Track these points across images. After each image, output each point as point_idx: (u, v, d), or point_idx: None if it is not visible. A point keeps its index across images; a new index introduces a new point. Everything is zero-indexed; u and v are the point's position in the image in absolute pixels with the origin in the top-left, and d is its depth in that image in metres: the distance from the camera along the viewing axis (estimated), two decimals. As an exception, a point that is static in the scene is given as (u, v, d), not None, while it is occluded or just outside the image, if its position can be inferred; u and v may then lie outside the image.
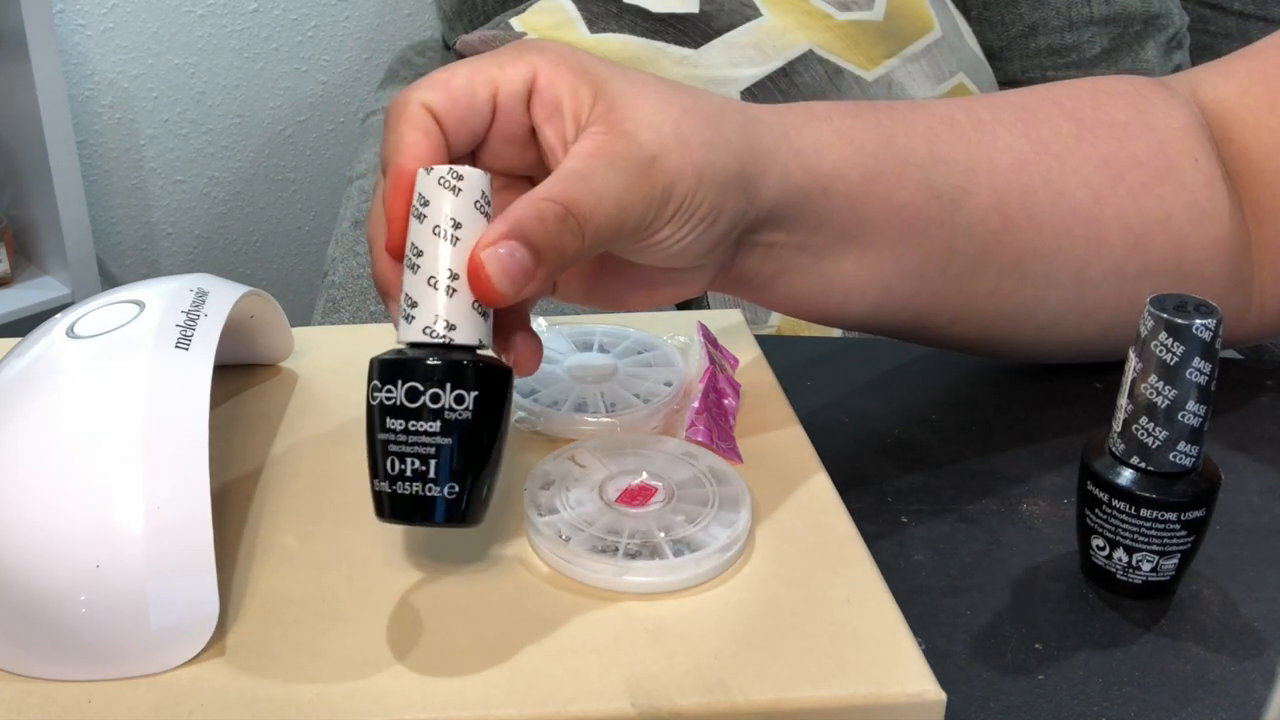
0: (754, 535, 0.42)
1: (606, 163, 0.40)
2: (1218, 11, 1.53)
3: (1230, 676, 0.42)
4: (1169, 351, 0.41)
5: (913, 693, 0.36)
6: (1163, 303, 0.41)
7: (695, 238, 0.42)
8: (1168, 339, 0.41)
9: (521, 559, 0.41)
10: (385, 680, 0.36)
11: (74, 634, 0.36)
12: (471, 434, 0.36)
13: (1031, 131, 0.52)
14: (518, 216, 0.37)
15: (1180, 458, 0.42)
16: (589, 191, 0.39)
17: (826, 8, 1.17)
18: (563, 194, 0.38)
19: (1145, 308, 0.41)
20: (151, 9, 1.56)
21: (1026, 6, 1.39)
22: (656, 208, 0.40)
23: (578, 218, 0.38)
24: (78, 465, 0.37)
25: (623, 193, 0.39)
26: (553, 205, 0.38)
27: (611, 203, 0.39)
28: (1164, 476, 0.42)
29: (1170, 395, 0.41)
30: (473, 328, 0.37)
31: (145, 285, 0.45)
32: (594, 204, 0.38)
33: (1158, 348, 0.41)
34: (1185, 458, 0.42)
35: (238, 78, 1.63)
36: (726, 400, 0.49)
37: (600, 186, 0.39)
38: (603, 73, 0.42)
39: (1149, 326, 0.41)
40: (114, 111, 1.59)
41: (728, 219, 0.43)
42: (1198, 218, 0.54)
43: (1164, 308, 0.41)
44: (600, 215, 0.39)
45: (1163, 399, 0.41)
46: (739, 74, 1.10)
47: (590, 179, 0.39)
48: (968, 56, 1.27)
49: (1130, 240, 0.52)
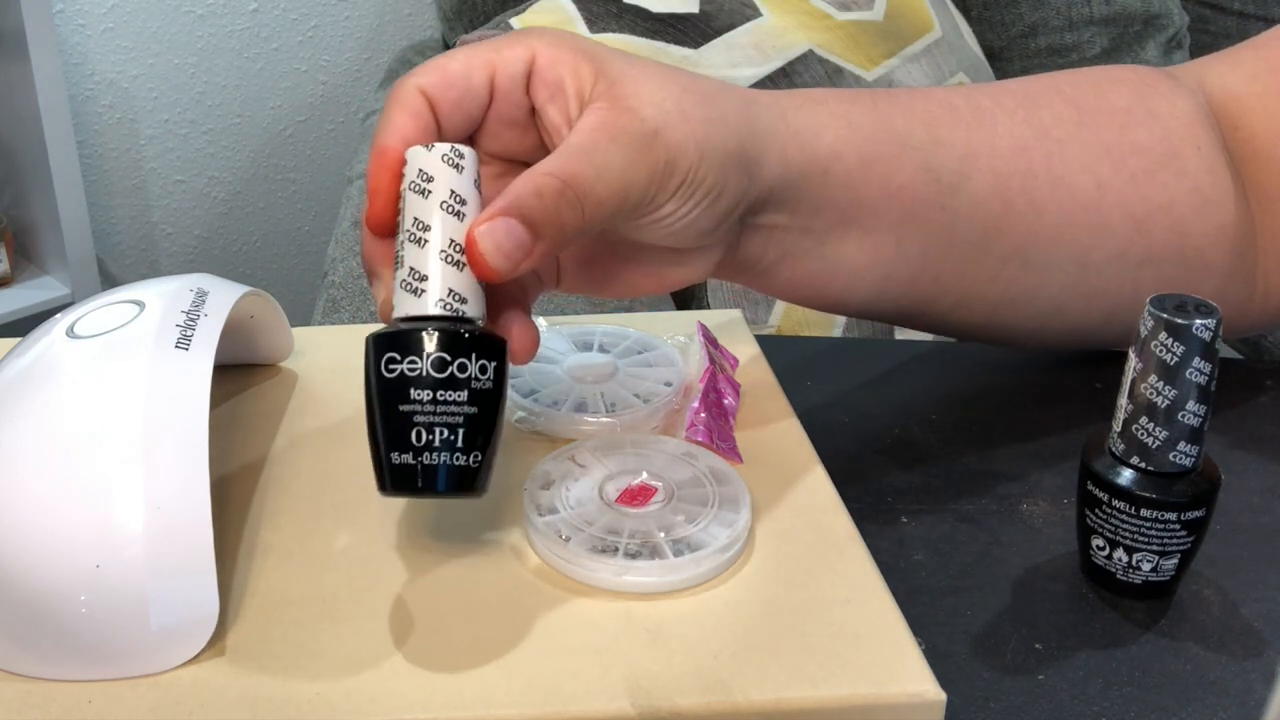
0: (754, 535, 0.42)
1: (609, 138, 0.40)
2: (1218, 11, 1.53)
3: (1230, 676, 0.42)
4: (1169, 352, 0.41)
5: (913, 693, 0.36)
6: (1162, 303, 0.41)
7: (699, 214, 0.42)
8: (1168, 339, 0.41)
9: (521, 559, 0.41)
10: (385, 680, 0.36)
11: (74, 634, 0.36)
12: (495, 403, 0.37)
13: (1032, 118, 0.52)
14: (516, 193, 0.37)
15: (1180, 458, 0.42)
16: (590, 165, 0.39)
17: (826, 8, 1.17)
18: (562, 169, 0.38)
19: (1145, 308, 0.41)
20: (151, 9, 1.56)
21: (1026, 6, 1.39)
22: (659, 182, 0.40)
23: (577, 192, 0.38)
24: (78, 465, 0.37)
25: (625, 167, 0.39)
26: (551, 180, 0.38)
27: (614, 176, 0.39)
28: (1164, 476, 0.42)
29: (1170, 395, 0.41)
30: (478, 302, 0.38)
31: (145, 285, 0.45)
32: (595, 177, 0.38)
33: (1158, 348, 0.41)
34: (1185, 458, 0.42)
35: (238, 78, 1.63)
36: (726, 400, 0.49)
37: (602, 161, 0.39)
38: (601, 53, 0.42)
39: (1149, 327, 0.41)
40: (114, 111, 1.59)
41: (730, 196, 0.43)
42: (1200, 204, 0.54)
43: (1164, 308, 0.41)
44: (602, 189, 0.39)
45: (1163, 399, 0.41)
46: (739, 74, 1.10)
47: (593, 154, 0.39)
48: (968, 56, 1.27)
49: (1132, 226, 0.53)
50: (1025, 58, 1.41)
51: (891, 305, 0.52)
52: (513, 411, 0.48)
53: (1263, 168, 0.55)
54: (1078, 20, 1.39)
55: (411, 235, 0.38)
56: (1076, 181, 0.52)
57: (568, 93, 0.41)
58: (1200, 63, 0.59)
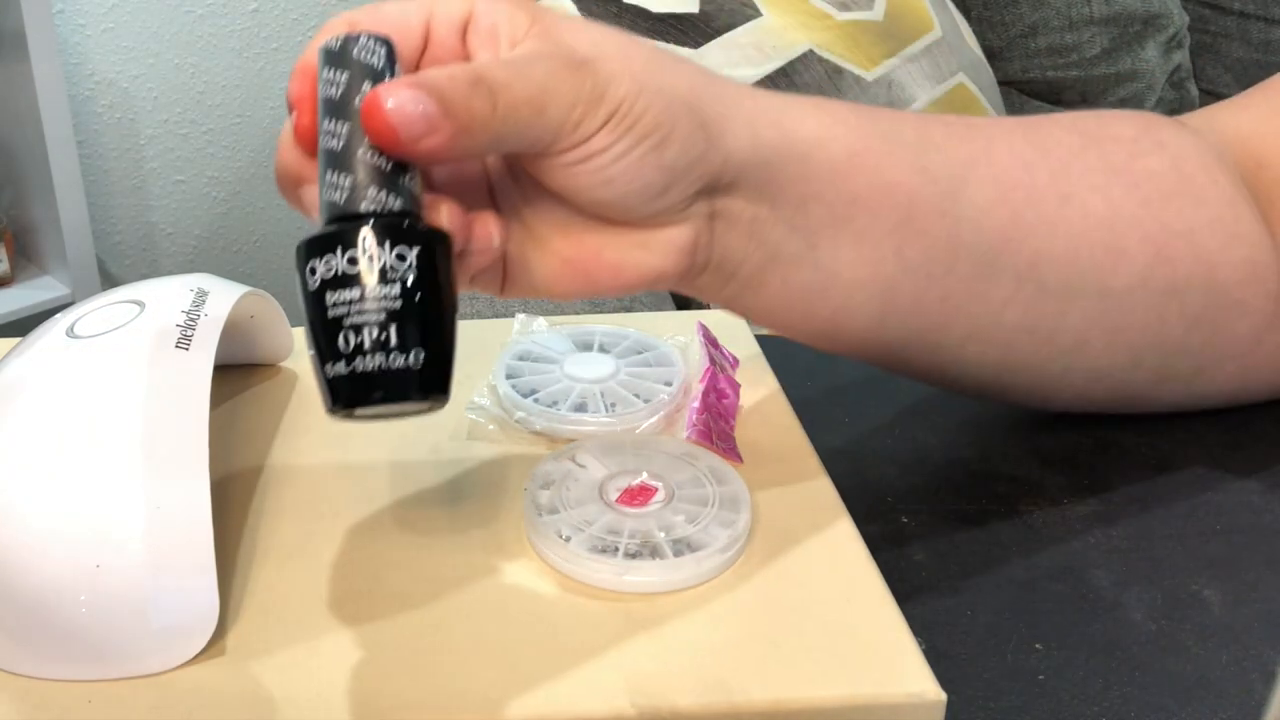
0: (754, 535, 0.42)
1: (534, 56, 0.38)
2: (1218, 11, 1.53)
3: (1230, 676, 0.42)
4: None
5: (913, 693, 0.36)
6: None
7: (641, 156, 0.39)
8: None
9: (522, 559, 0.41)
10: (385, 680, 0.36)
11: (74, 634, 0.36)
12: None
13: (1032, 137, 0.50)
14: (426, 72, 0.36)
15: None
16: (508, 67, 0.37)
17: (826, 7, 1.17)
18: (479, 65, 0.37)
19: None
20: (151, 9, 1.56)
21: (1026, 6, 1.39)
22: (586, 103, 0.38)
23: (491, 85, 0.36)
24: (78, 465, 0.37)
25: (546, 77, 0.37)
26: (466, 69, 0.36)
27: (532, 83, 0.37)
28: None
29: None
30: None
31: (145, 285, 0.45)
32: (512, 76, 0.37)
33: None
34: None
35: (238, 78, 1.63)
36: (727, 400, 0.49)
37: (523, 68, 0.37)
38: (542, 8, 0.40)
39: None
40: (114, 111, 1.59)
41: (678, 146, 0.39)
42: (1225, 237, 0.51)
43: None
44: (519, 89, 0.36)
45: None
46: (739, 74, 1.10)
47: (513, 61, 0.37)
48: (968, 56, 1.27)
49: (1152, 251, 0.49)
50: (1025, 58, 1.41)
51: (896, 333, 0.47)
52: (513, 411, 0.48)
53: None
54: (1078, 20, 1.39)
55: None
56: (1086, 201, 0.49)
57: (500, 37, 0.40)
58: (1204, 112, 0.57)
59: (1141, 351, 0.51)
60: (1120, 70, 1.42)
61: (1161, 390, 0.54)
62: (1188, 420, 0.56)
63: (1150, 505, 0.51)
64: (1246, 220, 0.51)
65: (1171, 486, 0.52)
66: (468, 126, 0.35)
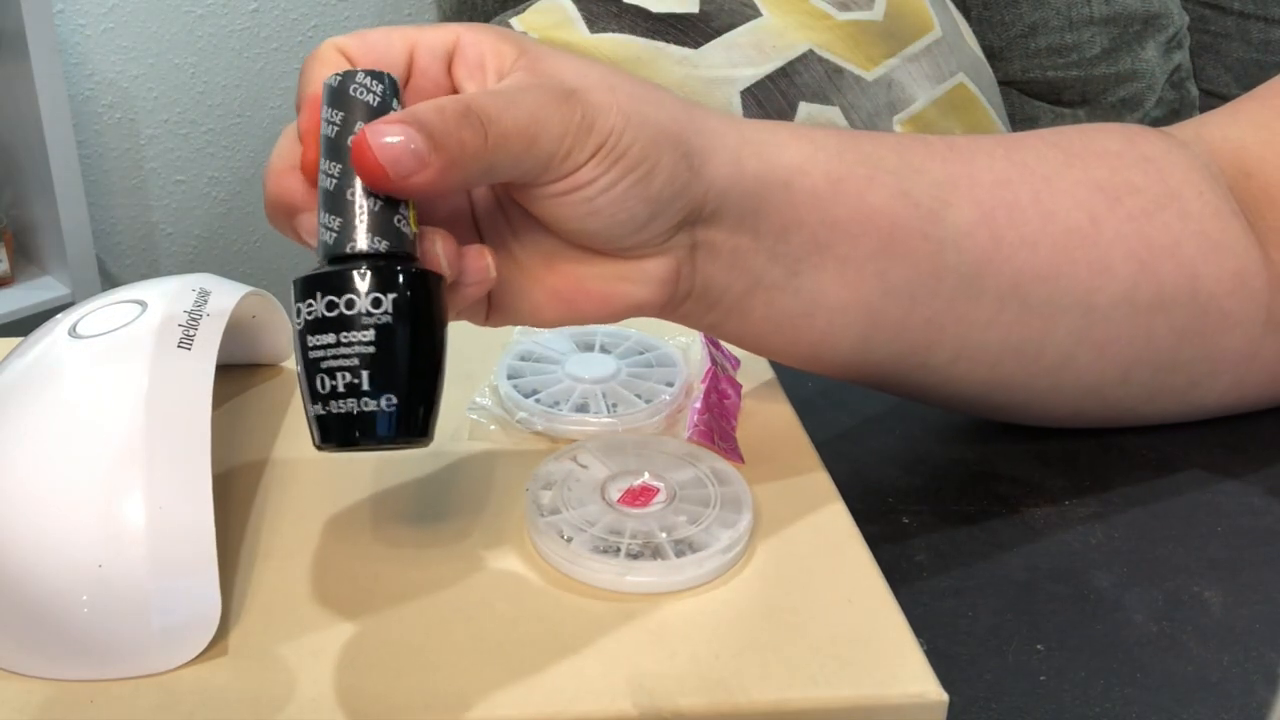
0: (756, 536, 0.42)
1: (523, 87, 0.38)
2: (1218, 11, 1.53)
3: (1231, 678, 0.42)
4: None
5: (914, 693, 0.36)
6: None
7: (627, 188, 0.39)
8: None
9: (523, 559, 0.41)
10: (385, 680, 0.36)
11: (76, 634, 0.36)
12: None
13: (1014, 155, 0.49)
14: (415, 108, 0.36)
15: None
16: (498, 98, 0.37)
17: (826, 7, 1.17)
18: (468, 96, 0.37)
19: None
20: (151, 9, 1.56)
21: (1026, 6, 1.39)
22: (575, 134, 0.38)
23: (481, 116, 0.36)
24: (80, 465, 0.37)
25: (536, 108, 0.37)
26: (455, 101, 0.36)
27: (523, 113, 0.37)
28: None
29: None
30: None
31: (147, 285, 0.45)
32: (502, 108, 0.37)
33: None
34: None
35: (238, 78, 1.63)
36: (728, 400, 0.49)
37: (513, 98, 0.37)
38: (527, 39, 0.41)
39: None
40: (114, 111, 1.59)
41: (663, 178, 0.40)
42: (1209, 249, 0.50)
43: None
44: (509, 120, 0.36)
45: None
46: (739, 74, 1.10)
47: (502, 92, 0.37)
48: (968, 56, 1.27)
49: (1136, 266, 0.49)
50: (1025, 58, 1.41)
51: (884, 354, 0.47)
52: (514, 411, 0.48)
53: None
54: (1078, 20, 1.39)
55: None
56: (1069, 217, 0.48)
57: (487, 69, 0.40)
58: (1194, 121, 0.57)
59: (1131, 366, 0.51)
60: (1120, 70, 1.42)
61: (1156, 405, 0.54)
62: (1188, 423, 0.56)
63: (1151, 506, 0.51)
64: (1233, 232, 0.51)
65: (1172, 488, 0.52)
66: (458, 159, 0.36)
